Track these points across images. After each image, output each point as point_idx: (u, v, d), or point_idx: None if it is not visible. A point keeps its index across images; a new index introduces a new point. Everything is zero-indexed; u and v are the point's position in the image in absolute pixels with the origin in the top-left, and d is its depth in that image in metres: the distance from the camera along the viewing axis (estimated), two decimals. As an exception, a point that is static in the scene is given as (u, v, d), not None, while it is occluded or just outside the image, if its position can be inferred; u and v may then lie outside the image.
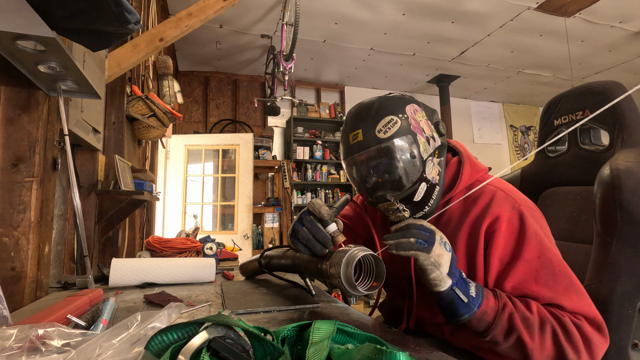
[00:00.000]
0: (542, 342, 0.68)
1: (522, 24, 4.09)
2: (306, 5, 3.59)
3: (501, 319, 0.69)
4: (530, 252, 0.74)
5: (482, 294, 0.70)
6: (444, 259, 0.68)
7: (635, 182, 0.85)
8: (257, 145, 4.91)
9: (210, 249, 1.49)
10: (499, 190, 0.81)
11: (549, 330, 0.68)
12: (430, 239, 0.68)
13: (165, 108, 2.30)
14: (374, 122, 0.78)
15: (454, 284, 0.68)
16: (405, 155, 0.77)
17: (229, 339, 0.40)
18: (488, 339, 0.70)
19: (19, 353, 0.43)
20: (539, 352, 0.68)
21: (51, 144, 0.99)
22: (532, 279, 0.73)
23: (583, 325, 0.70)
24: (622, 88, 1.01)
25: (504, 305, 0.70)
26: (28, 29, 0.73)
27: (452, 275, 0.68)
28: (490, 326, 0.69)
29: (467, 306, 0.68)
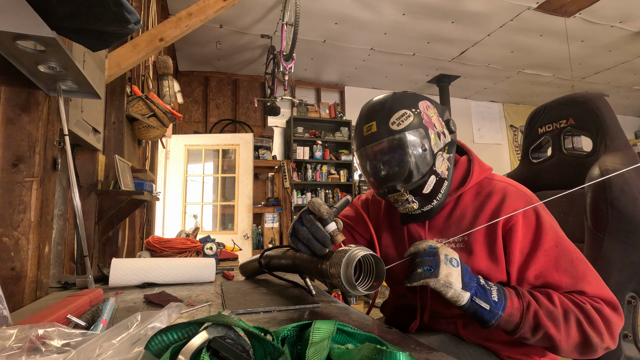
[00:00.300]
0: (567, 331, 0.72)
1: (522, 24, 4.09)
2: (306, 5, 3.59)
3: (527, 318, 0.72)
4: (548, 242, 0.78)
5: (504, 297, 0.72)
6: (453, 277, 0.70)
7: (622, 182, 0.93)
8: (257, 145, 4.91)
9: (210, 249, 1.49)
10: (510, 186, 0.85)
11: (572, 320, 0.73)
12: (435, 262, 0.70)
13: (165, 108, 2.30)
14: (388, 115, 0.82)
15: (473, 295, 0.70)
16: (416, 148, 0.81)
17: (229, 339, 0.40)
18: (517, 336, 0.74)
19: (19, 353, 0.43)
20: (565, 341, 0.73)
21: (51, 144, 0.99)
22: (552, 267, 0.77)
23: (603, 309, 0.74)
24: (603, 99, 1.10)
25: (528, 304, 0.73)
26: (28, 29, 0.73)
27: (468, 288, 0.70)
28: (518, 326, 0.72)
29: (491, 312, 0.70)
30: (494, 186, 0.86)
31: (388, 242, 1.00)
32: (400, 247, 0.97)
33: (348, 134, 5.61)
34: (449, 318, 0.87)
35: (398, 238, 0.98)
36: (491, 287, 0.73)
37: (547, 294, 0.75)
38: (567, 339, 0.72)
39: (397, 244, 0.99)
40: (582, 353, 0.74)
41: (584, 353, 0.74)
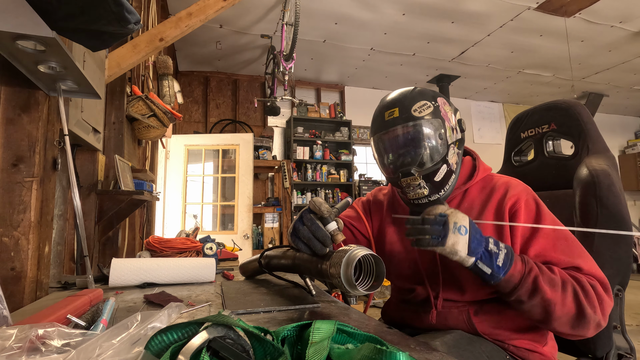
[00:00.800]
0: (563, 298, 0.76)
1: (522, 24, 4.09)
2: (306, 5, 3.59)
3: (526, 281, 0.76)
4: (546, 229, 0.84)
5: (510, 261, 0.76)
6: (459, 245, 0.74)
7: (609, 181, 1.01)
8: (257, 145, 4.91)
9: (210, 249, 1.49)
10: (511, 179, 0.94)
11: (570, 289, 0.77)
12: (444, 232, 0.74)
13: (165, 108, 2.30)
14: (410, 103, 0.89)
15: (477, 259, 0.75)
16: (433, 136, 0.88)
17: (229, 339, 0.40)
18: (513, 298, 0.78)
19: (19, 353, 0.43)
20: (560, 307, 0.76)
21: (51, 144, 0.99)
22: (550, 248, 0.83)
23: (597, 287, 0.79)
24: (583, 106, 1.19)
25: (530, 269, 0.77)
26: (28, 29, 0.73)
27: (474, 254, 0.75)
28: (515, 287, 0.76)
29: (491, 276, 0.75)
30: (496, 182, 0.94)
31: (393, 239, 1.03)
32: (407, 242, 1.00)
33: (348, 134, 5.61)
34: (460, 306, 0.91)
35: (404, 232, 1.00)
36: (500, 250, 0.76)
37: (549, 267, 0.80)
38: (562, 306, 0.76)
39: (403, 240, 1.01)
40: (575, 325, 0.77)
41: (576, 326, 0.77)
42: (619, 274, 1.02)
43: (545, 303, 0.76)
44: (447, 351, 0.77)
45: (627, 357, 1.03)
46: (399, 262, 1.00)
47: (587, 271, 0.81)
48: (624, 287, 1.03)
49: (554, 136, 1.24)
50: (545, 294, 0.75)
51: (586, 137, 1.14)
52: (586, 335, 0.79)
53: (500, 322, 0.88)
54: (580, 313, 0.76)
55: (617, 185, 1.02)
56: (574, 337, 0.80)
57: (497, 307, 0.89)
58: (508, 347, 0.87)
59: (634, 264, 6.04)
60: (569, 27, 4.13)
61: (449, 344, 0.80)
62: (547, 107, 1.26)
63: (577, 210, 1.04)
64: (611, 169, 1.04)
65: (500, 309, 0.89)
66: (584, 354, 1.04)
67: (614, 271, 1.00)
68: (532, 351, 0.88)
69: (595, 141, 1.13)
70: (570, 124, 1.18)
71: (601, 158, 1.08)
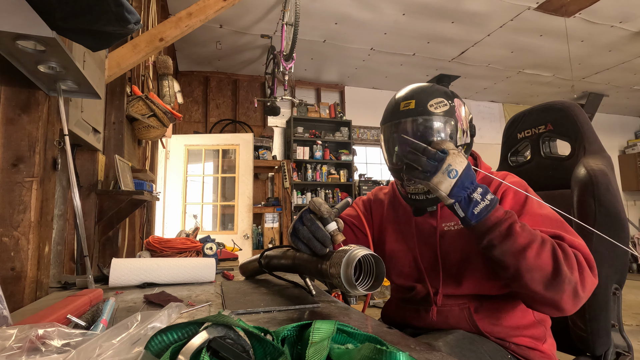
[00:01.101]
0: (539, 251, 0.74)
1: (522, 24, 4.09)
2: (306, 5, 3.59)
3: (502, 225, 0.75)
4: (532, 208, 0.86)
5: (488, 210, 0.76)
6: (442, 185, 0.76)
7: (607, 181, 1.02)
8: (257, 145, 4.91)
9: (210, 249, 1.49)
10: (508, 174, 0.96)
11: (548, 246, 0.75)
12: (435, 169, 0.76)
13: (165, 108, 2.30)
14: (427, 98, 0.89)
15: (455, 202, 0.76)
16: (445, 133, 0.88)
17: (229, 339, 0.40)
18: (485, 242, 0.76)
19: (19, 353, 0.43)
20: (534, 258, 0.73)
21: (51, 144, 0.99)
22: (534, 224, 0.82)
23: (579, 256, 0.77)
24: (579, 107, 1.19)
25: (509, 217, 0.76)
26: (28, 29, 0.73)
27: (454, 196, 0.76)
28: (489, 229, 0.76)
29: (464, 220, 0.77)
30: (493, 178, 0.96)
31: (394, 237, 1.04)
32: (408, 239, 1.00)
33: (348, 134, 5.61)
34: (461, 304, 0.91)
35: (405, 232, 1.02)
36: (483, 201, 0.76)
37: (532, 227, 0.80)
38: (536, 257, 0.73)
39: (404, 238, 1.01)
40: (549, 285, 0.73)
41: (550, 286, 0.73)
42: (617, 272, 1.03)
43: (518, 250, 0.73)
44: (450, 351, 0.77)
45: (625, 355, 1.03)
46: (399, 261, 1.01)
47: (569, 242, 0.79)
48: (622, 286, 1.04)
49: (551, 137, 1.25)
50: (518, 239, 0.74)
51: (583, 137, 1.15)
52: (561, 303, 0.74)
53: (501, 320, 0.89)
54: (556, 270, 0.73)
55: (614, 185, 1.03)
56: (547, 302, 0.75)
57: (497, 305, 0.90)
58: (509, 345, 0.88)
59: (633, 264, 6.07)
60: (569, 27, 4.13)
61: (451, 344, 0.80)
62: (544, 108, 1.27)
63: (575, 210, 1.05)
64: (608, 169, 1.05)
65: (500, 307, 0.90)
66: (583, 353, 1.04)
67: (612, 270, 1.01)
68: (533, 349, 0.89)
69: (592, 142, 1.14)
70: (567, 124, 1.19)
71: (598, 158, 1.09)
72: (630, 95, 6.54)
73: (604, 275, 1.00)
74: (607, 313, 1.00)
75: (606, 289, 1.01)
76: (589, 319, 1.00)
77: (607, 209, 1.00)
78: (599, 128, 7.36)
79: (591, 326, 1.00)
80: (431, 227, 0.97)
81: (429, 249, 0.96)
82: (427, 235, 0.97)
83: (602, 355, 1.02)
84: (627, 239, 1.04)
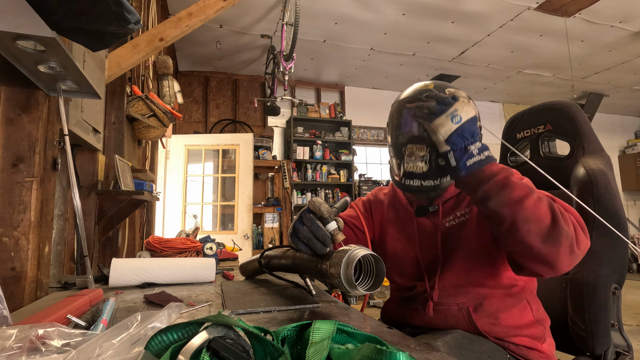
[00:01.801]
0: (537, 204, 0.73)
1: (522, 24, 4.09)
2: (306, 5, 3.59)
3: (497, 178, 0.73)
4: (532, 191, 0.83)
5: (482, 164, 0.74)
6: (443, 129, 0.74)
7: (606, 181, 1.02)
8: (257, 145, 4.91)
9: (210, 249, 1.49)
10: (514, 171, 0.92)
11: (545, 200, 0.74)
12: (439, 109, 0.75)
13: (165, 108, 2.30)
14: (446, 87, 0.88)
15: (450, 150, 0.74)
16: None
17: (229, 339, 0.40)
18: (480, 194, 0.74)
19: (19, 353, 0.43)
20: (532, 210, 0.71)
21: (51, 144, 0.99)
22: None
23: (573, 216, 0.77)
24: (578, 107, 1.19)
25: (505, 171, 0.75)
26: (28, 29, 0.73)
27: (451, 144, 0.74)
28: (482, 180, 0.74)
29: (454, 170, 0.75)
30: None
31: (395, 237, 1.04)
32: (409, 239, 1.00)
33: (348, 134, 5.61)
34: (460, 304, 0.91)
35: (406, 231, 1.02)
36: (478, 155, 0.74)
37: None
38: (534, 209, 0.71)
39: (405, 238, 1.01)
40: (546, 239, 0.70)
41: (548, 239, 0.70)
42: (617, 272, 1.03)
43: (514, 200, 0.71)
44: (449, 351, 0.77)
45: (625, 354, 1.04)
46: (401, 261, 1.01)
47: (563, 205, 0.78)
48: (621, 285, 1.04)
49: (550, 137, 1.25)
50: (515, 190, 0.72)
51: (582, 137, 1.15)
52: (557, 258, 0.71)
53: (499, 319, 0.89)
54: (553, 223, 0.71)
55: (614, 185, 1.04)
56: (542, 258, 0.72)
57: (496, 305, 0.90)
58: (508, 345, 0.88)
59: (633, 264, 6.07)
60: (569, 27, 4.13)
61: (450, 344, 0.80)
62: (543, 108, 1.27)
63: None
64: (607, 168, 1.05)
65: (498, 307, 0.90)
66: (582, 352, 1.05)
67: (612, 269, 1.02)
68: (532, 349, 0.89)
69: (591, 141, 1.14)
70: (566, 124, 1.19)
71: (597, 158, 1.09)
72: (630, 95, 6.54)
73: (604, 275, 1.00)
74: (607, 313, 1.00)
75: (606, 289, 1.01)
76: (588, 319, 1.00)
77: (606, 208, 1.01)
78: (599, 128, 7.38)
79: (591, 326, 1.00)
80: (433, 226, 0.97)
81: (430, 247, 0.96)
82: (429, 234, 0.97)
83: (602, 355, 1.02)
84: (627, 238, 1.04)
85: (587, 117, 1.18)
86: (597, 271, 1.01)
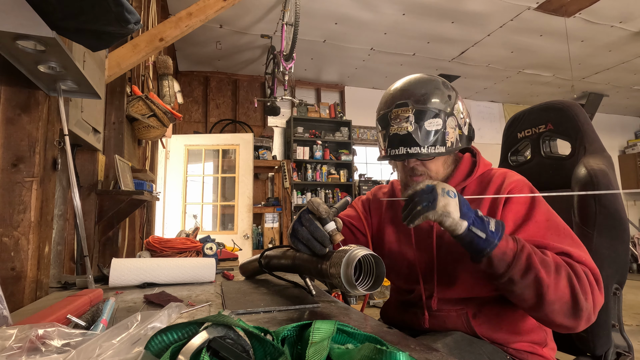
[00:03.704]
0: (557, 281, 0.73)
1: (522, 24, 4.09)
2: (306, 5, 3.59)
3: (520, 258, 0.72)
4: (539, 215, 0.84)
5: (502, 229, 0.73)
6: (451, 206, 0.71)
7: (607, 181, 1.01)
8: (257, 145, 4.91)
9: (210, 249, 1.49)
10: (509, 171, 0.94)
11: (564, 273, 0.74)
12: (433, 196, 0.72)
13: (165, 108, 2.30)
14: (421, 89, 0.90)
15: (470, 224, 0.71)
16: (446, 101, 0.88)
17: (229, 339, 0.40)
18: (506, 279, 0.74)
19: (19, 353, 0.43)
20: (553, 290, 0.72)
21: (51, 144, 0.99)
22: (541, 235, 0.81)
23: (589, 275, 0.76)
24: (579, 106, 1.19)
25: (522, 246, 0.74)
26: (28, 29, 0.73)
27: (466, 217, 0.71)
28: (509, 265, 0.72)
29: (487, 241, 0.71)
30: (493, 174, 0.95)
31: (392, 238, 1.03)
32: (406, 240, 0.99)
33: (348, 134, 5.61)
34: (459, 309, 0.90)
35: (404, 232, 1.01)
36: (490, 220, 0.74)
37: (540, 249, 0.77)
38: (555, 288, 0.72)
39: (403, 239, 1.01)
40: (568, 313, 0.73)
41: (569, 314, 0.73)
42: (617, 272, 1.03)
43: (538, 284, 0.72)
44: (449, 352, 0.76)
45: (626, 355, 1.03)
46: (397, 262, 1.00)
47: (577, 258, 0.78)
48: (622, 285, 1.04)
49: (551, 136, 1.25)
50: (538, 273, 0.72)
51: (583, 137, 1.15)
52: (577, 328, 0.75)
53: (499, 325, 0.88)
54: (574, 300, 0.73)
55: (615, 185, 1.03)
56: (565, 328, 0.76)
57: (495, 310, 0.89)
58: (508, 350, 0.87)
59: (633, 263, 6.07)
60: (569, 27, 4.12)
61: (450, 345, 0.80)
62: (544, 108, 1.27)
63: (576, 210, 1.05)
64: (608, 168, 1.05)
65: (498, 312, 0.89)
66: (583, 353, 1.04)
67: (612, 270, 1.01)
68: (532, 353, 0.88)
69: (592, 141, 1.14)
70: (567, 124, 1.19)
71: (598, 158, 1.08)
72: (630, 95, 6.54)
73: (605, 276, 0.99)
74: (608, 313, 1.00)
75: (607, 289, 1.00)
76: (589, 319, 1.00)
77: (608, 208, 1.00)
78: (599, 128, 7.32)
79: (591, 326, 0.99)
80: (429, 228, 0.95)
81: (425, 250, 0.95)
82: (424, 236, 0.96)
83: (603, 355, 1.01)
84: (628, 238, 1.04)
85: (588, 117, 1.18)
86: None
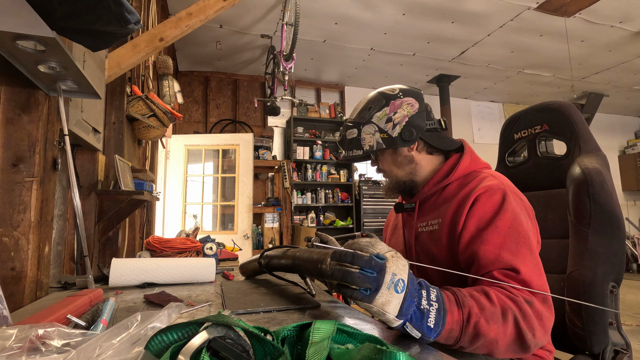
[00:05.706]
0: (504, 329, 0.70)
1: (522, 24, 4.09)
2: (306, 5, 3.59)
3: (467, 330, 0.67)
4: (502, 222, 0.81)
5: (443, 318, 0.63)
6: (390, 306, 0.57)
7: (601, 179, 1.03)
8: (257, 145, 4.91)
9: (210, 249, 1.49)
10: (490, 175, 0.91)
11: (510, 317, 0.71)
12: (377, 284, 0.56)
13: (165, 108, 2.30)
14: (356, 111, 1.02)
15: (406, 321, 0.59)
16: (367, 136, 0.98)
17: (229, 339, 0.40)
18: (456, 347, 0.70)
19: (19, 353, 0.43)
20: (502, 338, 0.70)
21: (51, 144, 0.99)
22: (499, 244, 0.79)
23: (534, 302, 0.74)
24: (574, 107, 1.20)
25: (468, 315, 0.67)
26: (28, 29, 0.73)
27: (403, 316, 0.59)
28: (457, 339, 0.67)
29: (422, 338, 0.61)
30: (477, 176, 0.92)
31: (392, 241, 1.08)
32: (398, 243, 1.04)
33: (348, 134, 5.60)
34: None
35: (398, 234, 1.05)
36: (431, 305, 0.62)
37: (485, 293, 0.72)
38: (503, 336, 0.70)
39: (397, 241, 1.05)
40: (515, 351, 0.73)
41: (516, 351, 0.73)
42: (614, 270, 1.03)
43: (488, 342, 0.69)
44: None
45: (623, 353, 1.04)
46: None
47: (523, 276, 0.75)
48: (619, 283, 1.04)
49: (547, 137, 1.26)
50: (488, 335, 0.68)
51: (577, 137, 1.16)
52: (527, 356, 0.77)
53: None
54: (520, 338, 0.71)
55: (609, 183, 1.04)
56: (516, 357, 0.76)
57: None
58: None
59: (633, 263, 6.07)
60: (569, 27, 4.13)
61: None
62: (539, 109, 1.28)
63: (571, 209, 1.07)
64: (603, 167, 1.06)
65: None
66: (581, 351, 1.04)
67: (609, 268, 1.02)
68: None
69: (587, 141, 1.15)
70: (562, 124, 1.20)
71: (593, 157, 1.10)
72: (630, 95, 6.54)
73: (601, 274, 1.00)
74: (604, 311, 1.00)
75: (603, 287, 1.01)
76: (586, 317, 1.00)
77: (602, 207, 1.01)
78: (599, 128, 7.39)
79: (588, 324, 1.00)
80: (410, 228, 0.98)
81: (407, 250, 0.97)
82: (407, 236, 0.98)
83: (600, 353, 1.02)
84: (624, 236, 1.04)
85: (582, 117, 1.19)
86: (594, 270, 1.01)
